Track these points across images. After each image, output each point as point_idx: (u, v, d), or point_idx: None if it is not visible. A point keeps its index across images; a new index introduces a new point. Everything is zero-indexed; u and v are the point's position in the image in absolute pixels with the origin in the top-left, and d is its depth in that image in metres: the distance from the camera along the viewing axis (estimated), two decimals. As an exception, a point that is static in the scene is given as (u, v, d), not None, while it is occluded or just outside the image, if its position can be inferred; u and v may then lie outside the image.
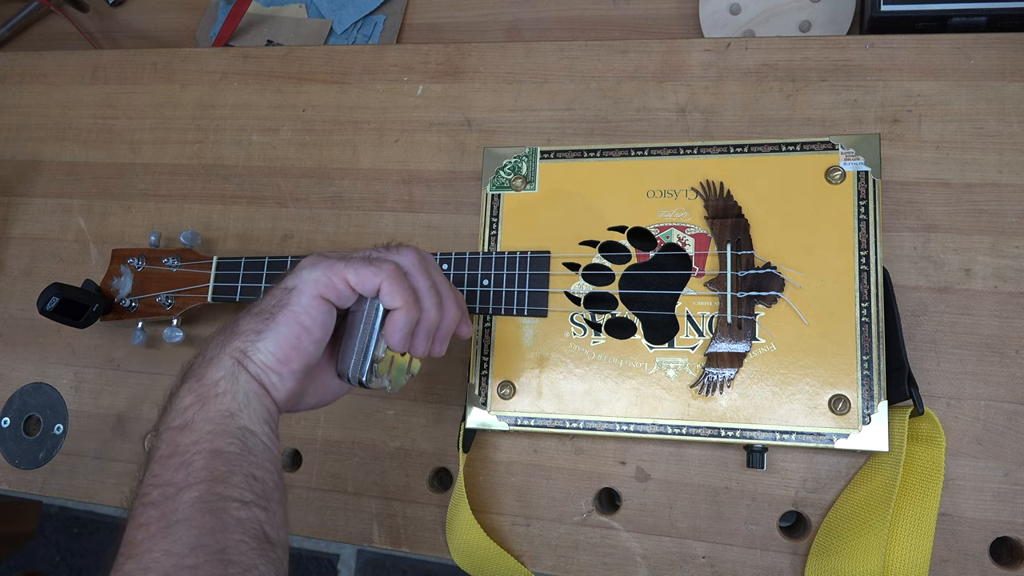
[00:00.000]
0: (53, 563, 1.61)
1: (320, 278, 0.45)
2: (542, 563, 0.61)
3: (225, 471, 0.40)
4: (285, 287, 0.46)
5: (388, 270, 0.46)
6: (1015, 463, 0.56)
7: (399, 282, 0.46)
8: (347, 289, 0.46)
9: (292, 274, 0.46)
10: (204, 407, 0.42)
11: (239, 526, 0.39)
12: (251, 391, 0.43)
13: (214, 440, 0.41)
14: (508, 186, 0.63)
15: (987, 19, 0.68)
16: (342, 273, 0.45)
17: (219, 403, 0.42)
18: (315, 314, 0.45)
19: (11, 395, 0.75)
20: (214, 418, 0.42)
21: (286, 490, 0.44)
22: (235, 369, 0.43)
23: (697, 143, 0.60)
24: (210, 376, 0.43)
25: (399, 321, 0.47)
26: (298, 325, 0.44)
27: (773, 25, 0.80)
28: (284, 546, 0.41)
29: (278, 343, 0.44)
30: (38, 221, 0.79)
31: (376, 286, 0.46)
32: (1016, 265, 0.58)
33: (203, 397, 0.43)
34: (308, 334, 0.45)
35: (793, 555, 0.58)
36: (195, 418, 0.42)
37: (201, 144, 0.77)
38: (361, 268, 0.45)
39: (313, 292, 0.45)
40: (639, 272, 0.60)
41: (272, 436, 0.44)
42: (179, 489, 0.39)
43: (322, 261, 0.46)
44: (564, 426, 0.58)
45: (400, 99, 0.73)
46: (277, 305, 0.45)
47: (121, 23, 1.03)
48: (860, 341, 0.54)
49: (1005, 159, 0.60)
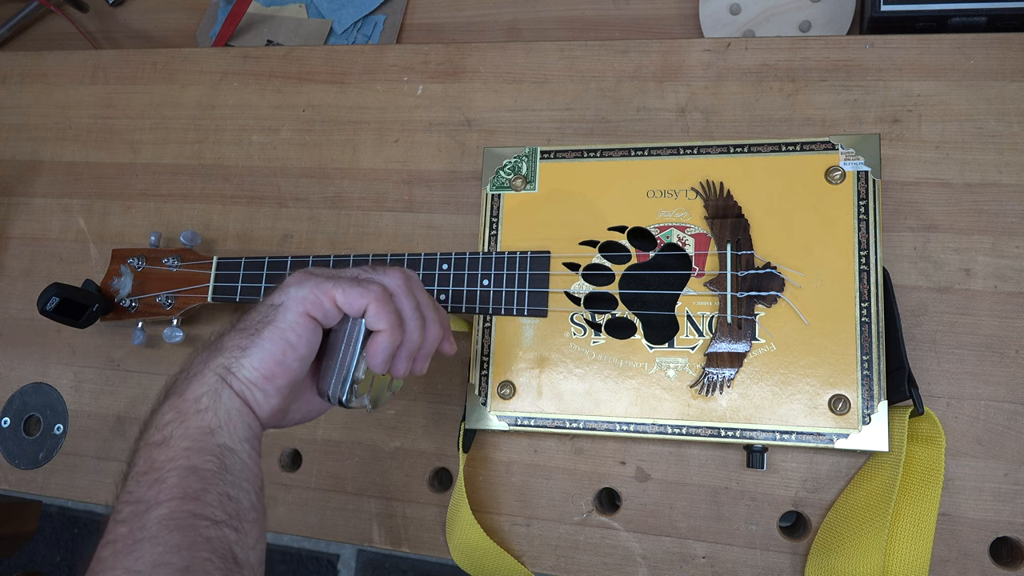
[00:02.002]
0: (53, 563, 1.61)
1: (307, 296, 0.45)
2: (542, 563, 0.61)
3: (199, 488, 0.40)
4: (271, 304, 0.45)
5: (375, 292, 0.46)
6: (1015, 463, 0.56)
7: (385, 305, 0.46)
8: (333, 308, 0.46)
9: (279, 290, 0.46)
10: (183, 423, 0.42)
11: (207, 544, 0.38)
12: (233, 408, 0.43)
13: (191, 457, 0.40)
14: (508, 186, 0.63)
15: (987, 19, 0.68)
16: (330, 292, 0.45)
17: (199, 419, 0.42)
18: (300, 331, 0.44)
19: (11, 395, 0.75)
20: (193, 434, 0.41)
21: (265, 510, 0.43)
22: (218, 386, 0.43)
23: (697, 143, 0.60)
24: (192, 392, 0.43)
25: (382, 344, 0.46)
26: (283, 341, 0.44)
27: (773, 25, 0.80)
28: (255, 567, 0.40)
29: (263, 359, 0.44)
30: (38, 221, 0.79)
31: (363, 307, 0.46)
32: (1016, 265, 0.58)
33: (183, 413, 0.42)
34: (293, 351, 0.44)
35: (793, 555, 0.58)
36: (173, 434, 0.41)
37: (201, 144, 0.77)
38: (349, 288, 0.45)
39: (300, 309, 0.45)
40: (639, 272, 0.60)
41: (253, 454, 0.43)
42: (149, 506, 0.39)
43: (309, 279, 0.46)
44: (564, 426, 0.58)
45: (400, 99, 0.73)
46: (262, 321, 0.45)
47: (121, 23, 1.03)
48: (860, 341, 0.54)
49: (1005, 159, 0.60)
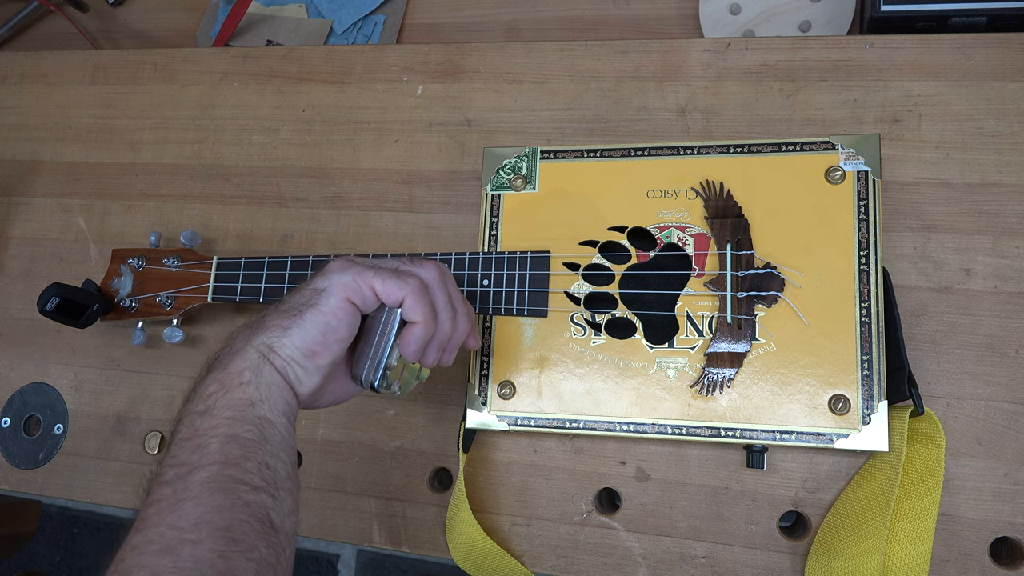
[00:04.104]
0: (53, 563, 1.61)
1: (349, 283, 0.47)
2: (542, 563, 0.61)
3: (239, 455, 0.42)
4: (315, 288, 0.47)
5: (413, 285, 0.48)
6: (1015, 463, 0.56)
7: (422, 297, 0.48)
8: (373, 297, 0.48)
9: (321, 275, 0.48)
10: (226, 394, 0.44)
11: (246, 508, 0.40)
12: (274, 383, 0.45)
13: (232, 426, 0.43)
14: (508, 186, 0.63)
15: (987, 19, 0.68)
16: (370, 281, 0.47)
17: (241, 392, 0.44)
18: (341, 315, 0.47)
19: (11, 395, 0.75)
20: (235, 405, 0.43)
21: (298, 482, 0.46)
22: (260, 362, 0.45)
23: (697, 143, 0.60)
24: (235, 366, 0.45)
25: (416, 334, 0.48)
26: (325, 324, 0.46)
27: (773, 25, 0.80)
28: (289, 535, 0.43)
29: (304, 339, 0.46)
30: (38, 221, 0.79)
31: (401, 298, 0.48)
32: (1016, 265, 0.58)
33: (226, 385, 0.44)
34: (334, 332, 0.46)
35: (793, 555, 0.58)
36: (217, 404, 0.44)
37: (201, 144, 0.77)
38: (389, 279, 0.47)
39: (341, 295, 0.47)
40: (639, 272, 0.60)
41: (289, 428, 0.45)
42: (192, 469, 0.41)
43: (351, 266, 0.48)
44: (564, 426, 0.58)
45: (400, 99, 0.73)
46: (306, 304, 0.47)
47: (121, 23, 1.03)
48: (860, 341, 0.54)
49: (1005, 159, 0.60)
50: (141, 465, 0.71)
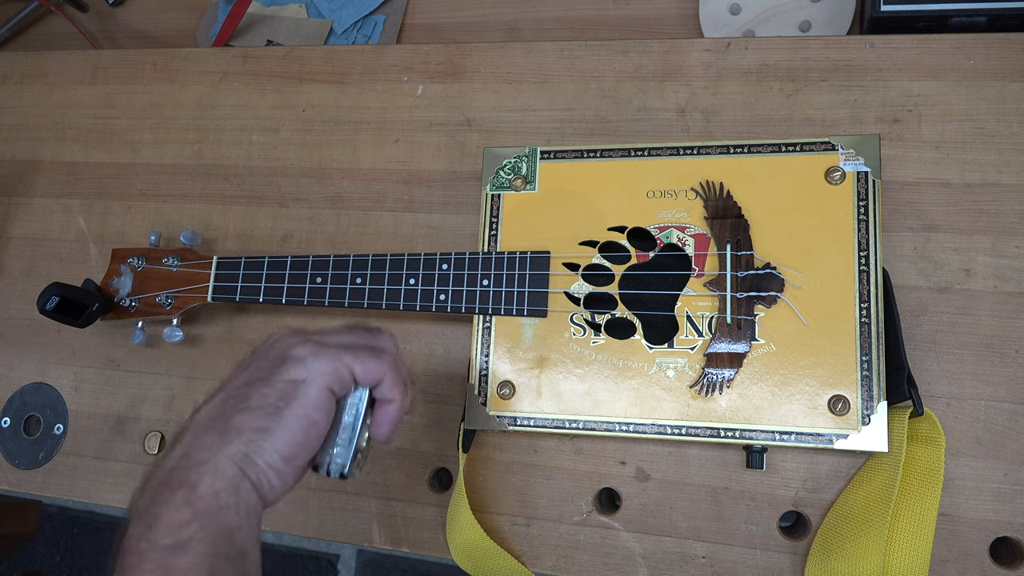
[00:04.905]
0: (53, 563, 1.61)
1: (329, 370, 0.43)
2: (542, 563, 0.61)
3: None
4: (292, 379, 0.43)
5: (390, 362, 0.44)
6: (1015, 463, 0.56)
7: (400, 373, 0.45)
8: (351, 381, 0.44)
9: (294, 363, 0.43)
10: (204, 528, 0.39)
11: None
12: (251, 503, 0.41)
13: (213, 569, 0.38)
14: (508, 186, 0.63)
15: (987, 19, 0.68)
16: (349, 364, 0.44)
17: (221, 519, 0.39)
18: (323, 407, 0.43)
19: (11, 395, 0.75)
20: (215, 538, 0.39)
21: None
22: (239, 480, 0.40)
23: (697, 143, 0.60)
24: (206, 486, 0.39)
25: (393, 414, 0.45)
26: (308, 420, 0.42)
27: (773, 25, 0.80)
28: None
29: (286, 441, 0.41)
30: (38, 221, 0.79)
31: (379, 378, 0.44)
32: (1016, 265, 0.58)
33: (200, 513, 0.39)
34: (316, 428, 0.43)
35: (793, 555, 0.58)
36: (194, 538, 0.38)
37: (201, 144, 0.77)
38: (367, 360, 0.44)
39: (322, 384, 0.43)
40: (639, 272, 0.60)
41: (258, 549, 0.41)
42: None
43: (324, 350, 0.43)
44: (564, 426, 0.58)
45: (400, 99, 0.73)
46: (283, 399, 0.42)
47: (121, 23, 1.03)
48: (860, 341, 0.54)
49: (1005, 159, 0.60)
50: (141, 465, 0.71)
